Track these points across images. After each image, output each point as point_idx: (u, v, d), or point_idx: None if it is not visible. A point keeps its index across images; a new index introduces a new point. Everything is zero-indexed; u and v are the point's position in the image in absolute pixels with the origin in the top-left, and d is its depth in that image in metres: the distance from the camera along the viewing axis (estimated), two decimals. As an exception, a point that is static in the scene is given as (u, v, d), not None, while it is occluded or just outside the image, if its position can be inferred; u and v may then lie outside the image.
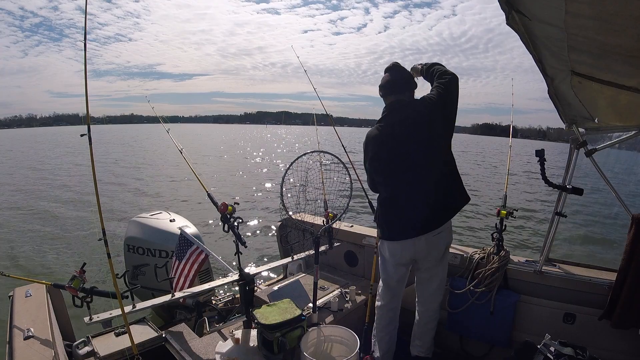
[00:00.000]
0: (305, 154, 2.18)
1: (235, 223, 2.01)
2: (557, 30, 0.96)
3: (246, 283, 2.02)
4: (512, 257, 2.28)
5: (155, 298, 1.99)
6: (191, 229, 2.65)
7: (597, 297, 1.98)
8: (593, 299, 1.99)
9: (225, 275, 2.23)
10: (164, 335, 1.92)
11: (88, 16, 1.55)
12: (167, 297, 1.98)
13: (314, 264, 2.11)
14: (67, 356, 1.64)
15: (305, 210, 2.30)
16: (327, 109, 3.13)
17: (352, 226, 2.94)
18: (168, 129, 2.61)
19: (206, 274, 2.77)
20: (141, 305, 1.88)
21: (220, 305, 2.68)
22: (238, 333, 1.92)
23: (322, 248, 2.32)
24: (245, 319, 2.02)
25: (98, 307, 1.78)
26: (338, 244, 2.61)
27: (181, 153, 2.39)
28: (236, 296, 2.76)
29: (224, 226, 2.01)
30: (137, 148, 30.27)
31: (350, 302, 2.45)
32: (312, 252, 2.25)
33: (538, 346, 1.65)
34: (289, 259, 2.58)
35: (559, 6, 0.80)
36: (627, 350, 1.88)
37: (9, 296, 1.94)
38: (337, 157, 2.19)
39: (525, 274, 2.19)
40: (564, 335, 1.71)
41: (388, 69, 1.89)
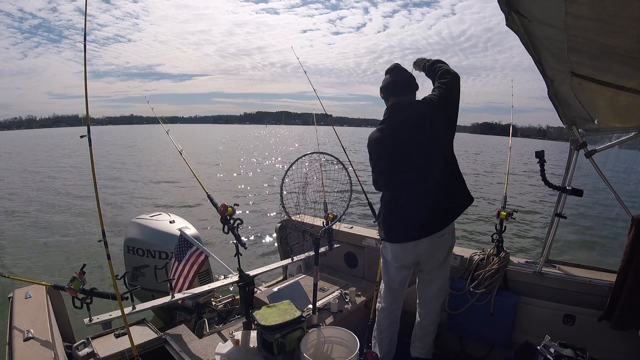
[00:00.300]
0: (304, 155, 2.18)
1: (235, 224, 2.01)
2: (557, 31, 0.96)
3: (246, 284, 2.03)
4: (512, 259, 2.27)
5: (155, 299, 1.99)
6: (191, 230, 2.64)
7: (597, 299, 1.98)
8: (593, 300, 1.99)
9: (225, 276, 2.23)
10: (164, 336, 1.91)
11: (87, 17, 1.54)
12: (167, 299, 1.98)
13: (314, 265, 2.11)
14: (67, 357, 1.63)
15: (305, 211, 2.30)
16: (327, 109, 3.13)
17: (352, 227, 2.94)
18: (168, 130, 2.61)
19: (206, 276, 2.76)
20: (141, 306, 1.88)
21: (220, 306, 2.67)
22: (238, 334, 1.92)
23: (322, 249, 2.32)
24: (245, 320, 2.02)
25: (98, 309, 1.78)
26: (338, 246, 2.61)
27: (181, 154, 2.39)
28: (236, 297, 2.76)
29: (224, 227, 2.01)
30: (137, 149, 30.27)
31: (350, 304, 2.45)
32: (312, 254, 2.25)
33: (538, 347, 1.65)
34: (289, 260, 2.57)
35: (559, 7, 0.80)
36: (627, 351, 1.88)
37: (9, 297, 1.93)
38: (337, 158, 2.19)
39: (525, 275, 2.19)
40: (564, 336, 1.71)
41: (389, 71, 1.88)
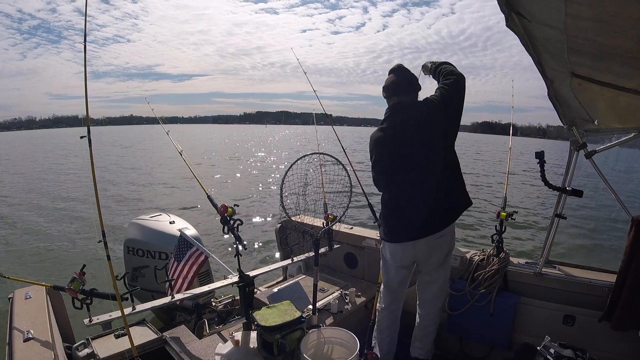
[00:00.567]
0: (304, 156, 2.18)
1: (235, 225, 2.01)
2: (557, 32, 0.96)
3: (246, 285, 2.02)
4: (512, 259, 2.27)
5: (155, 300, 1.99)
6: (191, 231, 2.64)
7: (597, 299, 1.98)
8: (593, 301, 1.99)
9: (225, 277, 2.23)
10: (164, 337, 1.91)
11: (86, 18, 1.54)
12: (167, 299, 1.98)
13: (314, 266, 2.11)
14: (67, 358, 1.63)
15: (304, 212, 2.30)
16: (327, 109, 3.13)
17: (352, 228, 2.93)
18: (168, 131, 2.61)
19: (206, 276, 2.76)
20: (141, 307, 1.88)
21: (220, 307, 2.67)
22: (238, 335, 1.92)
23: (322, 250, 2.32)
24: (245, 321, 2.02)
25: (98, 309, 1.78)
26: (338, 246, 2.61)
27: (181, 155, 2.39)
28: (236, 298, 2.76)
29: (224, 228, 2.01)
30: (137, 149, 30.25)
31: (350, 304, 2.45)
32: (312, 254, 2.25)
33: (538, 348, 1.65)
34: (289, 261, 2.57)
35: (559, 8, 0.80)
36: (627, 352, 1.88)
37: (9, 298, 1.93)
38: (337, 159, 2.19)
39: (525, 276, 2.19)
40: (564, 337, 1.71)
41: (392, 71, 1.89)
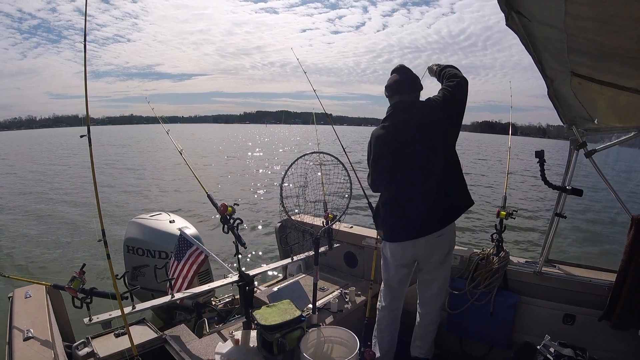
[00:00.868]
0: (304, 155, 2.18)
1: (235, 224, 2.01)
2: (557, 31, 0.96)
3: (246, 284, 2.02)
4: (512, 258, 2.28)
5: (154, 299, 1.99)
6: (191, 230, 2.64)
7: (597, 298, 1.98)
8: (593, 300, 1.99)
9: (225, 276, 2.23)
10: (164, 336, 1.91)
11: (86, 17, 1.54)
12: (167, 298, 1.98)
13: (314, 265, 2.11)
14: (67, 357, 1.63)
15: (304, 211, 2.30)
16: (327, 108, 3.13)
17: (352, 227, 2.94)
18: (168, 130, 2.61)
19: (206, 275, 2.76)
20: (141, 306, 1.87)
21: (219, 306, 2.67)
22: (238, 334, 1.92)
23: (322, 249, 2.32)
24: (245, 320, 2.02)
25: (98, 308, 1.77)
26: (338, 245, 2.61)
27: (181, 154, 2.39)
28: (236, 297, 2.76)
29: (224, 227, 2.01)
30: (137, 149, 30.25)
31: (350, 303, 2.45)
32: (312, 253, 2.25)
33: (538, 347, 1.65)
34: (289, 260, 2.57)
35: (559, 7, 0.80)
36: (627, 351, 1.88)
37: (9, 297, 1.93)
38: (337, 158, 2.19)
39: (525, 275, 2.19)
40: (564, 336, 1.71)
41: (395, 70, 1.93)
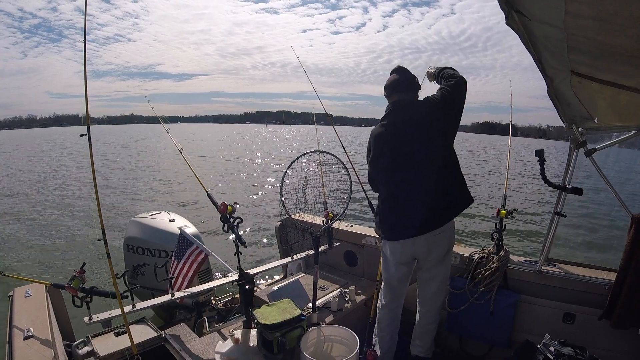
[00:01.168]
0: (305, 154, 2.18)
1: (235, 223, 2.02)
2: (557, 30, 0.96)
3: (246, 283, 2.02)
4: (512, 257, 2.28)
5: (155, 298, 2.00)
6: (191, 229, 2.64)
7: (597, 297, 1.98)
8: (593, 299, 1.99)
9: (225, 275, 2.23)
10: (164, 335, 1.91)
11: (87, 17, 1.54)
12: (167, 297, 1.98)
13: (314, 264, 2.11)
14: (67, 356, 1.64)
15: (305, 210, 2.30)
16: (327, 109, 3.13)
17: (352, 226, 2.94)
18: (168, 129, 2.61)
19: (206, 274, 2.76)
20: (141, 305, 1.88)
21: (220, 305, 2.68)
22: (238, 333, 1.92)
23: (322, 248, 2.32)
24: (245, 319, 2.02)
25: (98, 307, 1.78)
26: (338, 244, 2.61)
27: (181, 153, 2.40)
28: (236, 296, 2.76)
29: (224, 226, 2.01)
30: (136, 149, 30.25)
31: (350, 302, 2.45)
32: (312, 252, 2.25)
33: (538, 346, 1.65)
34: (289, 259, 2.58)
35: (559, 6, 0.80)
36: (627, 350, 1.88)
37: (9, 296, 1.93)
38: (337, 157, 2.19)
39: (525, 274, 2.19)
40: (564, 335, 1.71)
41: (393, 71, 1.96)
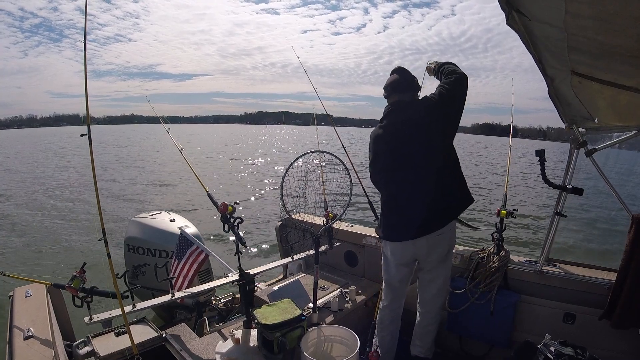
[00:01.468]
0: (305, 154, 2.18)
1: (235, 223, 2.01)
2: (557, 30, 0.96)
3: (246, 283, 2.02)
4: (512, 257, 2.28)
5: (155, 298, 1.99)
6: (191, 229, 2.64)
7: (597, 297, 1.98)
8: (593, 299, 1.99)
9: (225, 275, 2.23)
10: (164, 335, 1.91)
11: (87, 17, 1.55)
12: (167, 297, 1.98)
13: (314, 264, 2.11)
14: (67, 356, 1.64)
15: (305, 210, 2.30)
16: (327, 109, 3.14)
17: (352, 226, 2.94)
18: (168, 129, 2.62)
19: (206, 274, 2.76)
20: (141, 305, 1.88)
21: (220, 305, 2.67)
22: (238, 333, 1.92)
23: (322, 248, 2.32)
24: (245, 319, 2.02)
25: (98, 307, 1.78)
26: (338, 244, 2.61)
27: (181, 153, 2.40)
28: (236, 296, 2.76)
29: (224, 226, 2.01)
30: (137, 148, 30.26)
31: (350, 302, 2.45)
32: (312, 252, 2.25)
33: (538, 346, 1.65)
34: (289, 259, 2.58)
35: (559, 6, 0.80)
36: (627, 350, 1.88)
37: (9, 296, 1.93)
38: (337, 157, 2.19)
39: (525, 274, 2.19)
40: (564, 335, 1.71)
41: (393, 71, 1.95)
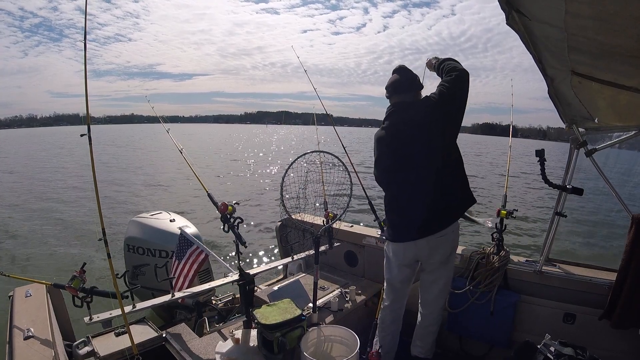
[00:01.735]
0: (305, 154, 2.18)
1: (235, 223, 2.01)
2: (557, 30, 0.96)
3: (246, 283, 2.02)
4: (512, 257, 2.28)
5: (155, 298, 1.99)
6: (191, 229, 2.65)
7: (597, 297, 1.98)
8: (593, 299, 1.99)
9: (225, 275, 2.23)
10: (164, 335, 1.92)
11: (87, 16, 1.55)
12: (167, 297, 1.98)
13: (314, 264, 2.11)
14: (67, 356, 1.64)
15: (305, 210, 2.30)
16: (327, 109, 3.13)
17: (352, 226, 2.94)
18: (168, 129, 2.61)
19: (206, 274, 2.77)
20: (141, 305, 1.87)
21: (220, 305, 2.67)
22: (238, 333, 1.92)
23: (322, 248, 2.32)
24: (245, 319, 2.02)
25: (98, 307, 1.78)
26: (338, 244, 2.61)
27: (181, 153, 2.40)
28: (236, 296, 2.76)
29: (224, 226, 2.01)
30: (137, 148, 30.26)
31: (350, 302, 2.45)
32: (312, 252, 2.25)
33: (538, 346, 1.65)
34: (289, 259, 2.58)
35: (559, 6, 0.80)
36: (627, 350, 1.88)
37: (9, 296, 1.94)
38: (337, 157, 2.19)
39: (525, 274, 2.19)
40: (564, 335, 1.71)
41: (394, 71, 1.92)
